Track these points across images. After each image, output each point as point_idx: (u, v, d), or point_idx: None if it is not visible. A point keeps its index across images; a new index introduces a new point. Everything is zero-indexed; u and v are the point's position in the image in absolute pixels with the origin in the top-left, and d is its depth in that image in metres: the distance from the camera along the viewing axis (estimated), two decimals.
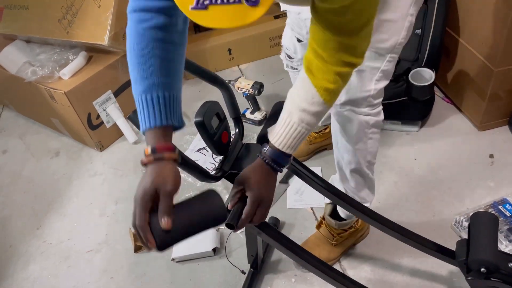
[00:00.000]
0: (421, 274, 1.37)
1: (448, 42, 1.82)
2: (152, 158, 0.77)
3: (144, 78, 0.79)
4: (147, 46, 0.79)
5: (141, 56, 0.79)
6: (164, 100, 0.79)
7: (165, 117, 0.79)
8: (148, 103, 0.78)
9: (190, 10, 0.61)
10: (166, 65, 0.80)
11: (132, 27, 0.80)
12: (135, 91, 0.80)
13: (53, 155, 2.03)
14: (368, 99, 1.10)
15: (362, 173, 1.24)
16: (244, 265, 1.43)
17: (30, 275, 1.54)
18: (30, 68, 1.86)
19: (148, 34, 0.79)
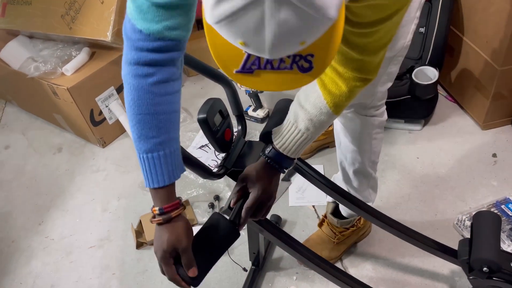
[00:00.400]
0: (423, 273, 1.36)
1: (452, 41, 1.81)
2: (161, 219, 0.79)
3: (147, 138, 0.77)
4: (151, 104, 0.76)
5: (144, 115, 0.76)
6: (166, 158, 0.78)
7: (168, 177, 0.79)
8: (151, 163, 0.78)
9: (234, 73, 0.62)
10: (168, 119, 0.79)
11: (133, 82, 0.75)
12: (138, 148, 0.78)
13: (55, 151, 2.04)
14: (373, 102, 1.09)
15: (365, 173, 1.23)
16: (246, 263, 1.43)
17: (32, 270, 1.54)
18: (33, 63, 1.86)
19: (152, 91, 0.75)
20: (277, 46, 0.52)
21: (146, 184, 0.80)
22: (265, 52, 0.53)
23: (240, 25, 0.51)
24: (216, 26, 0.53)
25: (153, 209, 0.80)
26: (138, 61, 0.74)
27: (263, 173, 0.90)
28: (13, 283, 1.51)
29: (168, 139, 0.79)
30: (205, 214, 1.62)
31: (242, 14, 0.49)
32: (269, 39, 0.51)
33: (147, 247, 1.55)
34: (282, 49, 0.53)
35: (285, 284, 1.38)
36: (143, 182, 1.82)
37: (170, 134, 0.79)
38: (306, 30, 0.51)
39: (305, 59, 0.59)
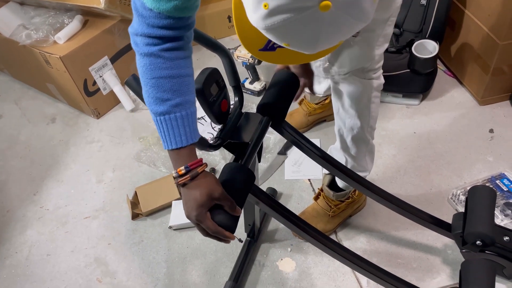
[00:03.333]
0: (416, 246, 1.38)
1: (454, 14, 1.78)
2: (189, 176, 0.79)
3: (162, 100, 0.77)
4: (163, 68, 0.76)
5: (158, 79, 0.77)
6: (183, 119, 0.78)
7: (188, 137, 0.79)
8: (169, 125, 0.78)
9: (258, 52, 0.66)
10: (182, 82, 0.79)
11: (144, 49, 0.76)
12: (154, 112, 0.78)
13: (49, 121, 2.01)
14: (371, 65, 1.08)
15: (363, 139, 1.23)
16: (241, 235, 1.44)
17: (27, 240, 1.55)
18: (24, 31, 1.81)
19: (164, 55, 0.76)
20: (322, 48, 0.59)
21: (165, 146, 0.79)
22: (308, 52, 0.60)
23: (294, 35, 0.57)
24: (264, 31, 0.59)
25: (178, 170, 0.79)
26: (149, 35, 0.75)
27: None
28: (9, 252, 1.51)
29: (184, 102, 0.78)
30: None
31: (298, 26, 0.56)
32: (318, 45, 0.59)
33: (142, 218, 1.55)
34: (324, 48, 0.60)
35: (279, 256, 1.40)
36: (138, 153, 1.81)
37: (186, 97, 0.79)
38: (351, 33, 0.59)
39: None
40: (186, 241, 1.47)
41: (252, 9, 0.58)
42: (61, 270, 1.45)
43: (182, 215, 1.51)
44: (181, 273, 1.39)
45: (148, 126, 1.88)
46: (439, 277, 1.30)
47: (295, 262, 1.38)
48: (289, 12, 0.55)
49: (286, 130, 1.08)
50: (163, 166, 1.71)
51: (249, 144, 0.96)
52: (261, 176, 1.62)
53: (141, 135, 1.85)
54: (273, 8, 0.55)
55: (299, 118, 1.75)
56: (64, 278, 1.42)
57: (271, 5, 0.55)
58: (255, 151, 0.97)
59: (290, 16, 0.54)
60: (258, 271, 1.37)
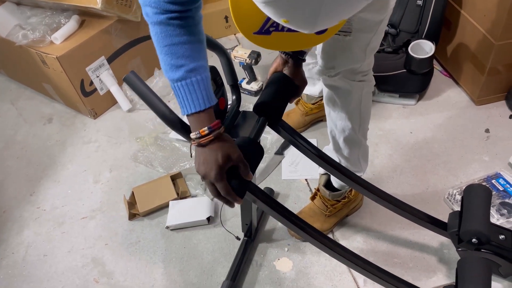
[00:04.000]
0: (413, 245, 1.39)
1: (450, 14, 1.79)
2: (212, 136, 0.80)
3: (177, 67, 0.79)
4: (174, 35, 0.78)
5: (170, 46, 0.78)
6: (199, 84, 0.79)
7: (206, 100, 0.80)
8: (186, 89, 0.79)
9: (252, 35, 0.64)
10: (194, 48, 0.80)
11: (154, 18, 0.78)
12: (171, 79, 0.80)
13: (46, 121, 2.01)
14: (362, 67, 1.09)
15: (355, 140, 1.23)
16: (238, 234, 1.44)
17: (24, 240, 1.54)
18: (21, 31, 1.80)
19: (173, 23, 0.77)
20: (321, 26, 0.56)
21: (184, 111, 0.81)
22: (307, 30, 0.57)
23: (294, 9, 0.55)
24: (263, 5, 0.56)
25: (201, 130, 0.80)
26: (157, 6, 0.76)
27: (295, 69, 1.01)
28: (5, 253, 1.51)
29: (198, 67, 0.80)
30: (198, 187, 1.61)
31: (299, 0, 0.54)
32: (318, 22, 0.55)
33: (139, 218, 1.55)
34: (323, 27, 0.58)
35: (277, 255, 1.40)
36: (135, 154, 1.81)
37: (199, 62, 0.80)
38: (352, 12, 0.56)
39: None
40: (183, 241, 1.47)
41: None
42: (58, 271, 1.44)
43: (179, 215, 1.52)
44: (179, 273, 1.39)
45: (145, 126, 1.88)
46: (436, 276, 1.31)
47: (292, 261, 1.38)
48: None
49: (283, 129, 1.08)
50: (160, 166, 1.70)
51: None
52: (258, 176, 1.63)
53: (138, 135, 1.85)
54: None
55: (295, 118, 1.76)
56: (61, 278, 1.42)
57: None
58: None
59: None
60: (256, 270, 1.37)
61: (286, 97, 1.04)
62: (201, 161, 0.82)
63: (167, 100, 1.98)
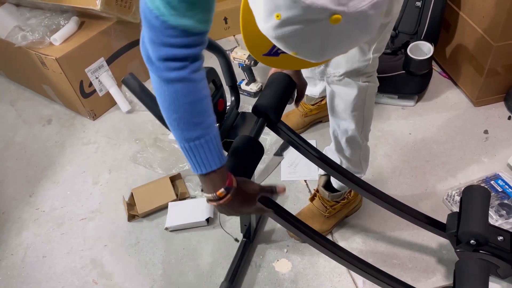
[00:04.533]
0: (412, 246, 1.39)
1: (448, 15, 1.79)
2: (231, 196, 0.80)
3: (196, 124, 0.73)
4: (195, 91, 0.72)
5: (190, 103, 0.72)
6: (218, 138, 0.77)
7: (222, 157, 0.77)
8: (205, 147, 0.75)
9: (261, 56, 0.67)
10: (208, 103, 0.75)
11: (171, 75, 0.70)
12: (187, 138, 0.74)
13: (45, 122, 2.01)
14: (366, 68, 1.09)
15: (357, 141, 1.23)
16: (237, 235, 1.44)
17: (23, 241, 1.54)
18: (20, 32, 1.81)
19: (193, 78, 0.72)
20: (328, 57, 0.61)
21: (198, 171, 0.76)
22: (314, 60, 0.62)
23: (302, 45, 0.59)
24: (274, 40, 0.60)
25: (218, 193, 0.78)
26: (175, 57, 0.69)
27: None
28: (4, 254, 1.51)
29: (212, 122, 0.76)
30: (197, 188, 1.61)
31: (307, 37, 0.57)
32: (325, 55, 0.60)
33: (138, 219, 1.55)
34: (330, 58, 0.63)
35: (276, 257, 1.40)
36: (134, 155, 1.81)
37: (212, 117, 0.76)
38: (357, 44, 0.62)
39: None
40: (183, 242, 1.47)
41: (263, 18, 0.58)
42: (57, 272, 1.44)
43: (179, 216, 1.52)
44: (178, 275, 1.39)
45: (144, 127, 1.88)
46: (435, 277, 1.31)
47: (291, 263, 1.38)
48: (300, 23, 0.56)
49: (282, 130, 1.09)
50: (159, 167, 1.71)
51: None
52: (257, 177, 1.63)
53: (137, 137, 1.85)
54: (285, 19, 0.56)
55: (295, 119, 1.76)
56: (60, 279, 1.42)
57: (283, 16, 0.56)
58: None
59: (301, 27, 0.56)
60: (254, 272, 1.37)
61: (285, 98, 1.04)
62: (233, 212, 0.85)
63: None
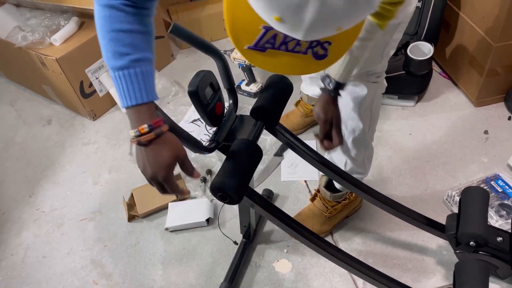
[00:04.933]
0: (412, 247, 1.39)
1: (448, 16, 1.79)
2: (154, 134, 0.76)
3: (121, 55, 0.74)
4: (124, 22, 0.74)
5: (117, 32, 0.74)
6: (144, 76, 0.75)
7: (149, 93, 0.76)
8: (128, 80, 0.75)
9: (245, 49, 0.59)
10: (142, 39, 0.77)
11: (105, 2, 0.75)
12: (112, 67, 0.75)
13: (45, 123, 2.01)
14: (377, 68, 1.10)
15: (363, 141, 1.23)
16: (237, 236, 1.45)
17: (23, 242, 1.54)
18: (20, 33, 1.81)
19: (125, 9, 0.74)
20: (315, 28, 0.50)
21: (124, 103, 0.76)
22: (300, 32, 0.51)
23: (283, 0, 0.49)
24: None
25: (140, 128, 0.75)
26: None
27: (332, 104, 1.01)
28: (4, 254, 1.51)
29: (143, 58, 0.76)
30: (197, 188, 1.62)
31: None
32: (309, 18, 0.49)
33: (138, 220, 1.56)
34: (318, 32, 0.51)
35: (275, 257, 1.40)
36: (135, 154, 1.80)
37: (146, 54, 0.76)
38: (347, 15, 0.50)
39: (321, 46, 0.58)
40: (183, 242, 1.47)
41: None
42: (57, 272, 1.44)
43: (179, 217, 1.52)
44: (178, 275, 1.39)
45: None
46: (434, 277, 1.31)
47: (291, 263, 1.38)
48: None
49: (280, 133, 1.09)
50: None
51: None
52: (257, 178, 1.63)
53: None
54: None
55: (295, 119, 1.76)
56: (60, 280, 1.42)
57: None
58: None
59: None
60: (254, 272, 1.37)
61: (283, 100, 1.04)
62: (146, 161, 0.78)
63: (167, 102, 1.98)
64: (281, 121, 1.09)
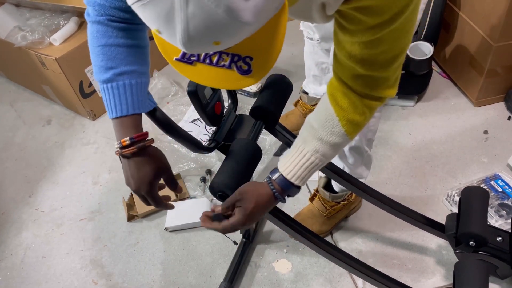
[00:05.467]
0: (412, 247, 1.39)
1: (448, 16, 1.79)
2: (136, 148, 0.77)
3: (107, 68, 0.76)
4: (113, 36, 0.76)
5: (103, 46, 0.76)
6: (129, 88, 0.76)
7: (133, 106, 0.77)
8: (110, 93, 0.76)
9: (174, 61, 0.59)
10: (130, 52, 0.78)
11: (93, 18, 0.77)
12: (98, 80, 0.77)
13: (44, 123, 2.01)
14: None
15: (361, 150, 1.23)
16: (236, 236, 1.44)
17: (23, 242, 1.54)
18: (20, 33, 1.81)
19: (110, 25, 0.76)
20: (189, 41, 0.49)
21: (109, 115, 0.78)
22: (179, 45, 0.50)
23: (152, 11, 0.48)
24: (133, 7, 0.50)
25: (122, 140, 0.77)
26: (93, 3, 0.76)
27: (262, 200, 0.82)
28: (4, 254, 1.51)
29: (129, 71, 0.77)
30: (197, 188, 1.61)
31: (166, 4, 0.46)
32: (179, 32, 0.48)
33: (138, 220, 1.55)
34: (194, 45, 0.49)
35: (275, 257, 1.40)
36: None
37: (132, 67, 0.77)
38: (216, 31, 0.47)
39: (244, 61, 0.57)
40: (182, 242, 1.47)
41: None
42: (57, 272, 1.44)
43: (178, 216, 1.52)
44: (177, 275, 1.39)
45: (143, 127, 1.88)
46: (434, 277, 1.31)
47: (291, 263, 1.38)
48: None
49: (280, 133, 1.09)
50: None
51: None
52: (257, 178, 1.63)
53: None
54: None
55: (294, 119, 1.76)
56: (60, 280, 1.42)
57: None
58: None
59: None
60: (254, 272, 1.37)
61: (283, 100, 1.04)
62: (129, 175, 0.79)
63: (166, 102, 1.98)
64: (280, 121, 1.09)
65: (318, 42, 1.46)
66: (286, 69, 2.06)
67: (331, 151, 0.80)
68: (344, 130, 0.78)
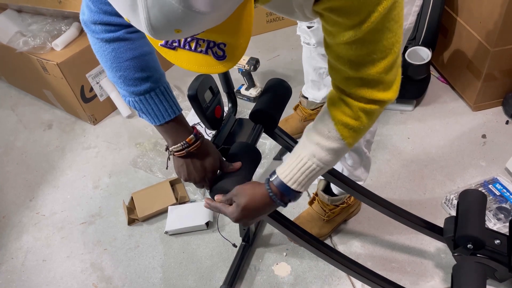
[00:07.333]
0: (410, 250, 1.39)
1: (446, 21, 1.81)
2: (200, 142, 0.84)
3: (142, 79, 0.79)
4: (133, 49, 0.77)
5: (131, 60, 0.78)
6: (169, 90, 0.83)
7: (178, 106, 0.84)
8: (156, 99, 0.80)
9: (159, 46, 0.61)
10: (154, 58, 0.81)
11: (107, 35, 0.76)
12: (136, 93, 0.80)
13: (45, 127, 2.02)
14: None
15: (360, 151, 1.24)
16: (236, 239, 1.45)
17: (23, 245, 1.55)
18: (21, 38, 1.82)
19: (129, 37, 0.77)
20: (152, 29, 0.50)
21: (156, 122, 0.81)
22: (147, 33, 0.51)
23: (119, 1, 0.49)
24: None
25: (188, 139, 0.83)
26: (109, 23, 0.75)
27: (259, 202, 0.83)
28: (4, 258, 1.52)
29: (160, 76, 0.81)
30: (197, 192, 1.62)
31: None
32: (143, 21, 0.49)
33: (138, 223, 1.56)
34: (158, 33, 0.51)
35: (275, 260, 1.41)
36: (134, 159, 1.81)
37: (161, 70, 0.81)
38: (173, 20, 0.48)
39: (218, 47, 0.59)
40: (182, 246, 1.48)
41: None
42: (57, 276, 1.45)
43: (178, 220, 1.53)
44: (177, 278, 1.40)
45: (144, 132, 1.89)
46: (433, 280, 1.31)
47: (291, 266, 1.39)
48: None
49: (280, 136, 1.10)
50: (160, 171, 1.72)
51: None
52: None
53: (137, 141, 1.86)
54: None
55: (294, 123, 1.77)
56: (60, 283, 1.43)
57: None
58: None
59: None
60: (253, 275, 1.38)
61: (282, 104, 1.05)
62: (193, 168, 0.85)
63: None
64: (280, 125, 1.10)
65: (315, 47, 1.47)
66: (286, 73, 2.08)
67: (328, 157, 0.79)
68: (340, 134, 0.78)
